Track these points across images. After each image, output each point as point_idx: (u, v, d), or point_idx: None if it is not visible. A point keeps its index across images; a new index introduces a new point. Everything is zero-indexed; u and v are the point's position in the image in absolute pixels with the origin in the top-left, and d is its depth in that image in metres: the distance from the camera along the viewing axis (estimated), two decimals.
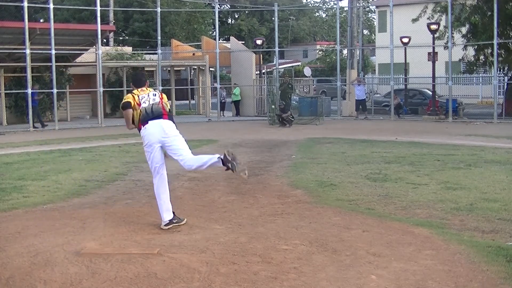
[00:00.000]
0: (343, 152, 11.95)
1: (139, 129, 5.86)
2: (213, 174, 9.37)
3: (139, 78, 6.25)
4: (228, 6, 51.51)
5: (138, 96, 5.88)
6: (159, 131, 5.72)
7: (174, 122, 5.91)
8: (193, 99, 31.28)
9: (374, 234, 5.44)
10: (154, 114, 5.77)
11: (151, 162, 5.83)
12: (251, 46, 29.00)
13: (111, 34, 32.35)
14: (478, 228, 5.63)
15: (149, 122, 5.74)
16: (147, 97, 5.89)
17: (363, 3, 37.99)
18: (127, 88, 24.78)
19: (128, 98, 5.92)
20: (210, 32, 45.54)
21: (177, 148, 5.74)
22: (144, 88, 6.02)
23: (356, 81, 23.85)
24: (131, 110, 5.82)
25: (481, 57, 23.02)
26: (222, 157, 5.57)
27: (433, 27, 21.82)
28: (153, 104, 5.82)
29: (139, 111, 5.80)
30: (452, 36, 22.02)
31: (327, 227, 5.72)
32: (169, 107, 6.05)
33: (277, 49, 24.64)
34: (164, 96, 6.12)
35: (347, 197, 7.30)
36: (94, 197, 7.59)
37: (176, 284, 4.11)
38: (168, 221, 5.76)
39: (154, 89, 6.14)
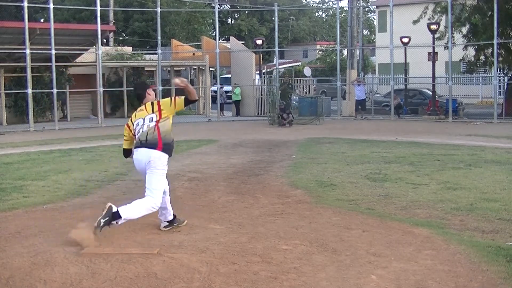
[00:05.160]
0: (343, 152, 11.95)
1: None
2: (213, 174, 9.38)
3: (138, 93, 5.79)
4: (228, 6, 51.50)
5: (133, 124, 5.57)
6: (145, 161, 5.35)
7: (169, 150, 5.45)
8: None
9: (374, 234, 5.44)
10: (147, 142, 5.36)
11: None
12: (251, 46, 28.99)
13: (111, 34, 32.31)
14: (478, 228, 5.63)
15: (139, 148, 5.42)
16: (141, 124, 5.48)
17: (363, 3, 37.96)
18: (127, 88, 24.85)
19: (125, 135, 5.77)
20: (210, 32, 45.52)
21: (147, 181, 5.41)
22: (142, 107, 5.61)
23: (356, 81, 23.85)
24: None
25: (481, 57, 23.02)
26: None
27: (433, 27, 21.82)
28: (146, 134, 5.38)
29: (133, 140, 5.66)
30: (452, 36, 22.02)
31: (327, 227, 5.72)
32: (174, 107, 5.54)
33: (277, 49, 24.64)
34: (163, 102, 5.58)
35: (347, 197, 7.30)
36: (94, 197, 7.59)
37: (176, 284, 4.11)
38: (167, 223, 5.72)
39: (152, 104, 5.59)
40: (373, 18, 53.54)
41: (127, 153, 5.86)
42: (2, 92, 21.37)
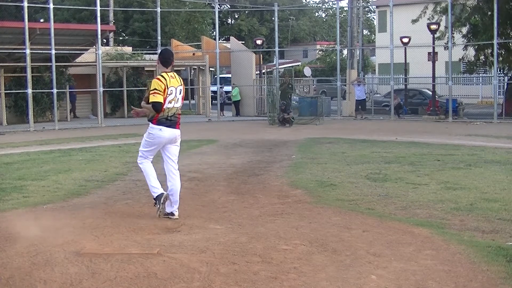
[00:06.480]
0: (343, 152, 11.95)
1: (153, 120, 5.97)
2: (213, 174, 9.38)
3: (167, 57, 6.06)
4: (228, 6, 51.47)
5: (168, 89, 5.86)
6: (171, 139, 6.10)
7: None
8: (193, 99, 31.29)
9: (374, 234, 5.43)
10: (171, 121, 6.02)
11: (147, 152, 6.18)
12: (251, 46, 28.99)
13: (111, 34, 32.31)
14: (478, 228, 5.63)
15: (166, 128, 5.99)
16: (174, 93, 5.94)
17: (363, 3, 37.95)
18: (127, 88, 24.87)
19: (158, 90, 5.80)
20: (210, 32, 45.51)
21: (173, 154, 6.24)
22: (173, 74, 5.97)
23: (356, 81, 23.84)
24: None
25: (481, 57, 23.03)
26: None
27: (433, 27, 21.83)
28: (175, 111, 6.02)
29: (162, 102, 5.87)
30: (452, 36, 22.02)
31: (327, 227, 5.72)
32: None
33: (277, 49, 24.64)
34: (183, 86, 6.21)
35: (347, 197, 7.30)
36: (94, 197, 7.59)
37: (176, 284, 4.11)
38: (156, 197, 6.09)
39: (180, 79, 6.11)
40: (373, 18, 53.53)
41: (160, 106, 5.86)
42: (2, 92, 21.35)
